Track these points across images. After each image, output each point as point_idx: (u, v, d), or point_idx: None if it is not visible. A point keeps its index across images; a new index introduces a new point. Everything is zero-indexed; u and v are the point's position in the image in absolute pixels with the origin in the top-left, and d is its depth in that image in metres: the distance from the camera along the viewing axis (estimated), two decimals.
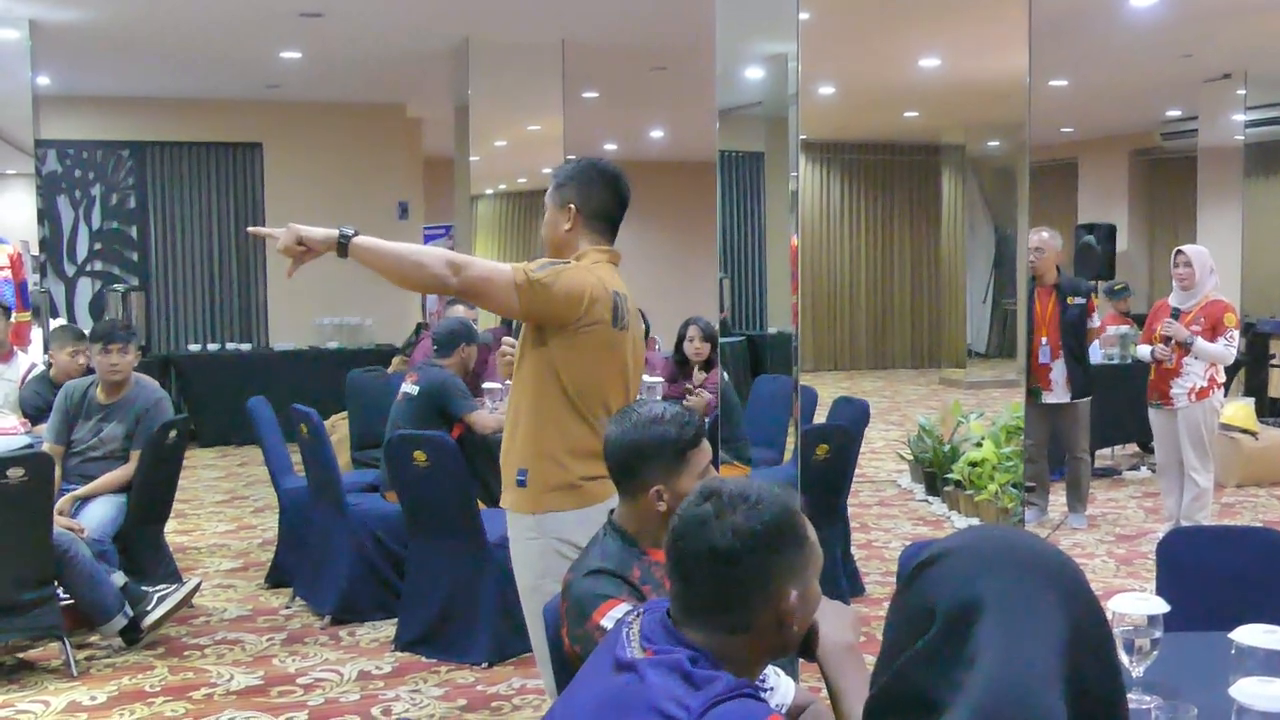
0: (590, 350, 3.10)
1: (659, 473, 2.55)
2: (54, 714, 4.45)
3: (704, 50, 9.61)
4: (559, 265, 3.09)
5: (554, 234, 3.28)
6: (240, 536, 7.34)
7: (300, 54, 9.79)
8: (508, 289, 3.00)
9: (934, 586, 1.37)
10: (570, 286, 3.05)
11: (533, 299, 3.02)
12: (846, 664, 1.91)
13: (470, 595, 4.90)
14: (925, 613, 1.35)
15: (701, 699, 1.63)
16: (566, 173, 3.28)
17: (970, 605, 1.32)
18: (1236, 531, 3.45)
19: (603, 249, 3.26)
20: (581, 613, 2.42)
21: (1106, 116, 14.68)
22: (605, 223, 3.28)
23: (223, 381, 10.66)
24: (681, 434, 2.57)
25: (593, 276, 3.12)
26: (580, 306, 3.06)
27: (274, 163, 12.23)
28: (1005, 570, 1.35)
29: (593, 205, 3.25)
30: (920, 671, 1.33)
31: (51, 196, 11.47)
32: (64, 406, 5.48)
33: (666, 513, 2.54)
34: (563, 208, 3.25)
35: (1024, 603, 1.32)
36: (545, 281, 3.01)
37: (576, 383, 3.09)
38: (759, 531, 1.75)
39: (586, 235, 3.25)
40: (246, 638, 5.33)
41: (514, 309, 3.06)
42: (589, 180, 3.26)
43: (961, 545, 1.41)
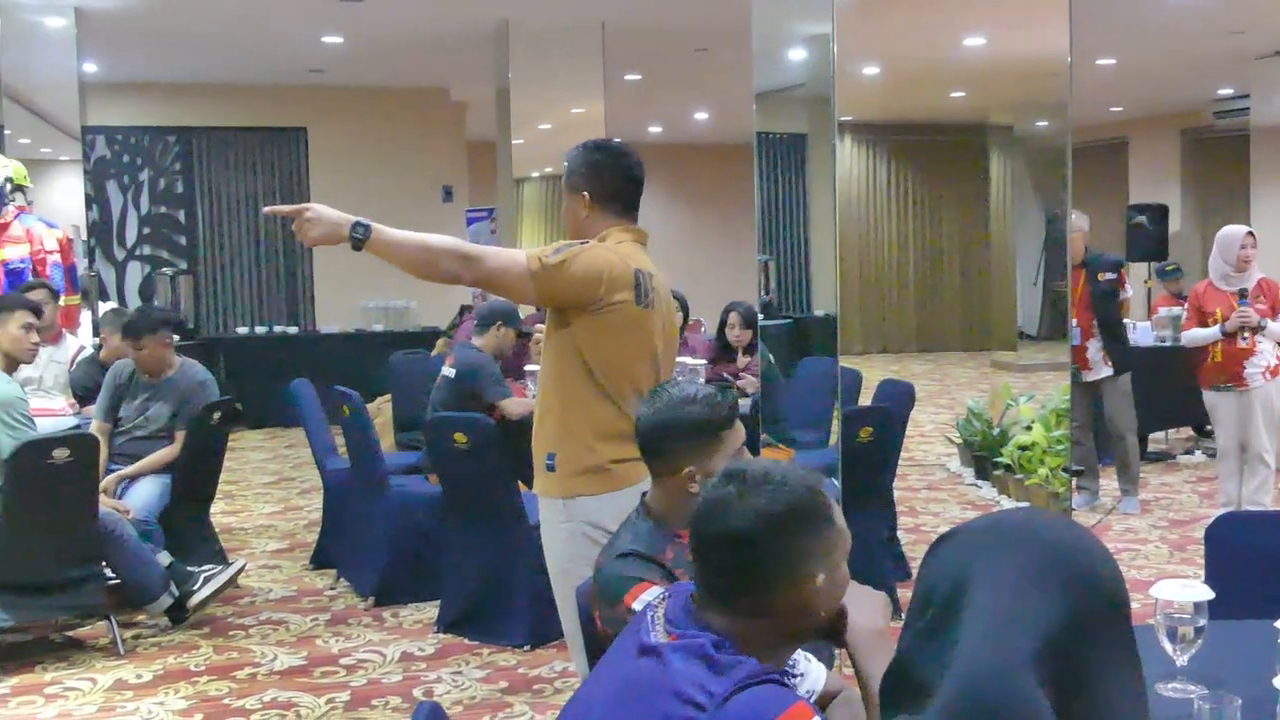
0: (614, 330, 3.06)
1: (691, 453, 2.52)
2: (101, 691, 4.50)
3: (746, 31, 9.56)
4: (575, 246, 3.06)
5: (574, 222, 3.25)
6: (287, 517, 7.39)
7: (342, 38, 9.82)
8: (522, 277, 2.99)
9: (938, 567, 1.35)
10: (586, 267, 3.02)
11: (548, 284, 2.99)
12: (876, 649, 1.87)
13: (510, 577, 4.90)
14: (927, 593, 1.33)
15: (725, 684, 1.61)
16: (574, 159, 3.25)
17: (961, 587, 1.30)
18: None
19: (626, 228, 3.21)
20: (613, 596, 2.41)
21: (1156, 95, 14.46)
22: (621, 203, 3.23)
23: (270, 364, 10.74)
24: (714, 414, 2.54)
25: (612, 255, 3.08)
26: (598, 286, 3.02)
27: (319, 147, 12.29)
28: (1006, 553, 1.32)
29: (605, 188, 3.21)
30: (920, 652, 1.32)
31: (101, 181, 11.59)
32: (112, 385, 5.57)
33: (698, 494, 2.51)
34: (576, 195, 3.22)
35: (1017, 587, 1.29)
36: (559, 264, 2.98)
37: (602, 364, 3.06)
38: (781, 513, 1.72)
39: (605, 218, 3.20)
40: (291, 618, 5.36)
41: (531, 296, 3.05)
42: (596, 164, 3.22)
43: (976, 526, 1.38)
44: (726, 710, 1.58)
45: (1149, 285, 13.25)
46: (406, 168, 12.26)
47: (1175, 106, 15.22)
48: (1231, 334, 6.26)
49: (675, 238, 15.82)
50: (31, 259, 7.23)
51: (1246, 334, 6.23)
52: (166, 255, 12.07)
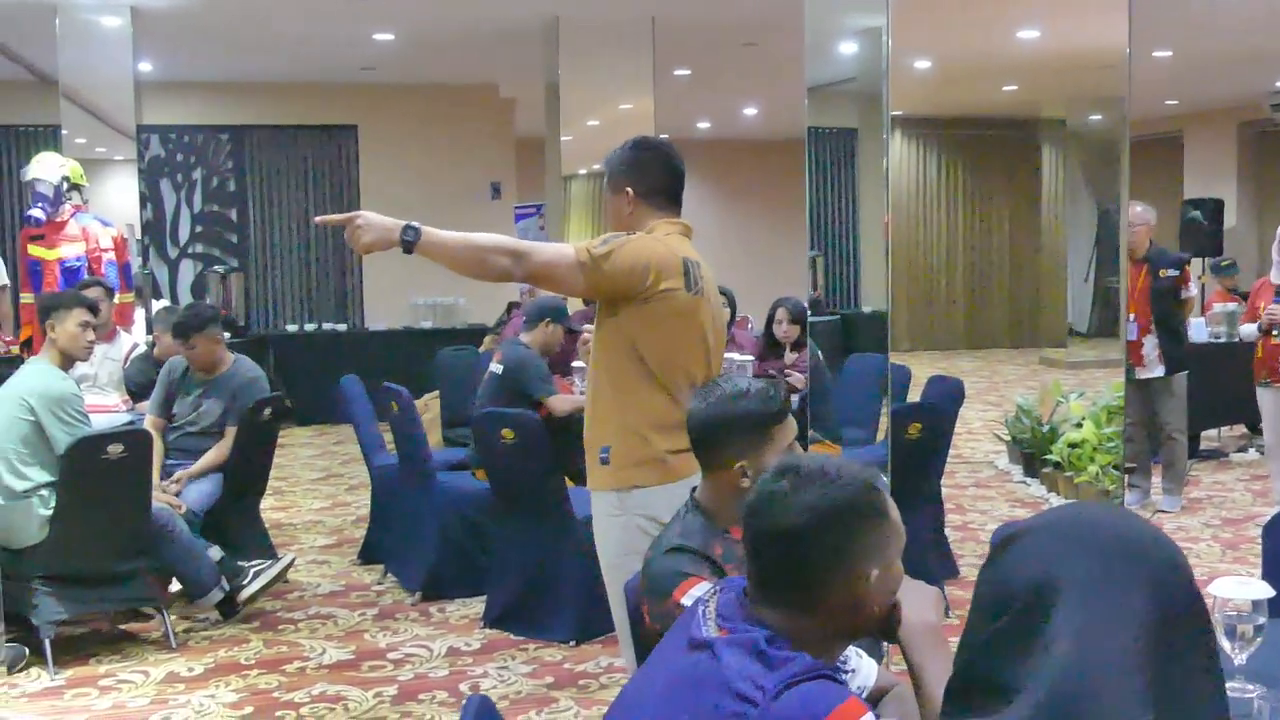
0: (666, 318, 3.06)
1: (742, 448, 2.51)
2: (153, 684, 4.55)
3: (795, 25, 9.51)
4: (622, 238, 3.07)
5: (618, 221, 3.27)
6: (335, 513, 7.44)
7: (393, 35, 9.88)
8: (571, 270, 3.00)
9: (1014, 566, 1.32)
10: (634, 256, 3.03)
11: (597, 275, 3.00)
12: (929, 645, 1.86)
13: (557, 573, 4.91)
14: (1004, 593, 1.30)
15: (777, 679, 1.60)
16: (616, 158, 3.27)
17: (1049, 587, 1.27)
18: None
19: (671, 221, 3.23)
20: (661, 590, 2.40)
21: (1212, 88, 14.24)
22: (665, 197, 3.26)
23: (319, 361, 10.81)
24: (766, 408, 2.53)
25: (659, 244, 3.10)
26: (647, 275, 3.03)
27: (369, 144, 12.37)
28: (1088, 552, 1.30)
29: (648, 183, 3.23)
30: (996, 654, 1.29)
31: (155, 180, 11.72)
32: (166, 381, 5.64)
33: (749, 489, 2.50)
34: (619, 193, 3.24)
35: (1106, 587, 1.27)
36: (606, 255, 3.00)
37: (656, 354, 3.06)
38: (834, 509, 1.70)
39: (650, 213, 3.22)
40: (339, 613, 5.40)
41: (580, 288, 3.06)
42: (638, 160, 3.24)
43: (1046, 523, 1.35)
44: (779, 705, 1.58)
45: (1203, 280, 13.07)
46: (455, 164, 12.31)
47: (1232, 100, 14.99)
48: (1266, 331, 6.22)
49: (722, 234, 15.77)
50: (87, 257, 7.33)
51: (1278, 331, 6.18)
52: (218, 253, 12.19)
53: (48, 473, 4.68)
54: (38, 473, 4.68)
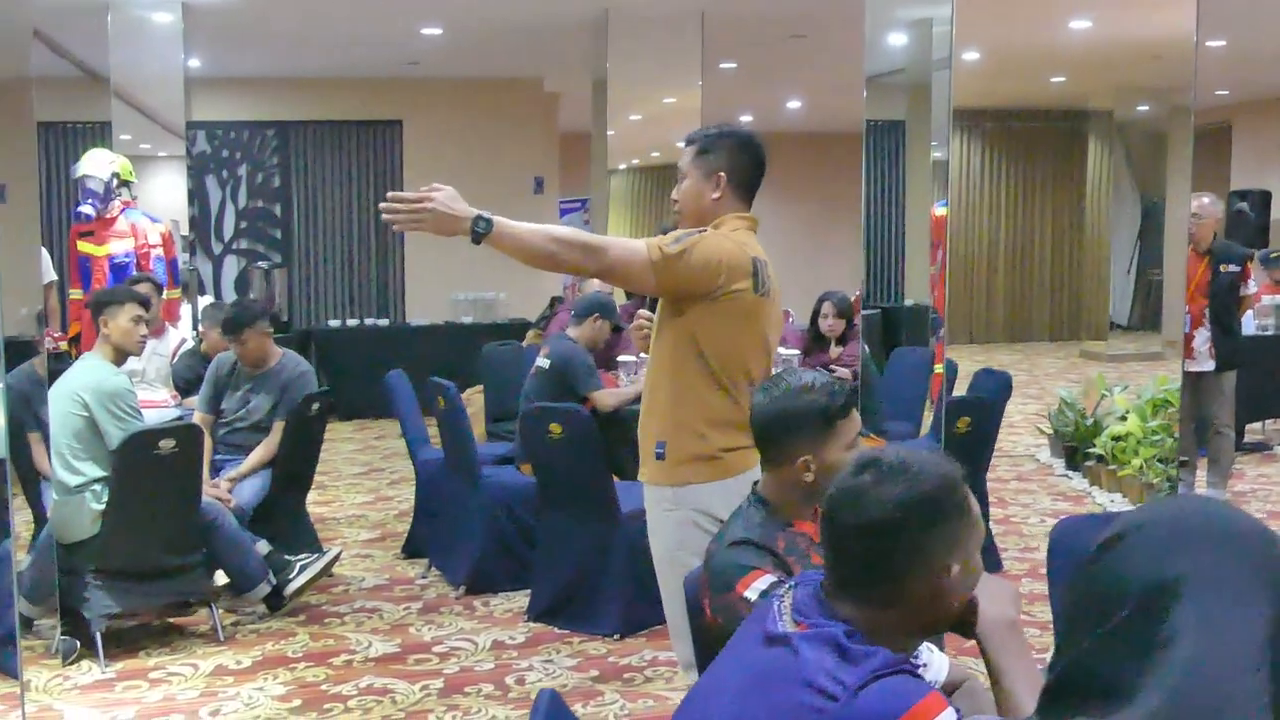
0: (731, 318, 3.06)
1: (806, 442, 2.52)
2: (202, 677, 4.60)
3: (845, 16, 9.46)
4: (693, 235, 3.05)
5: (698, 203, 3.22)
6: (378, 508, 7.48)
7: (440, 29, 9.90)
8: (644, 268, 2.99)
9: (1123, 565, 1.28)
10: (706, 256, 3.02)
11: (669, 274, 3.00)
12: (1009, 641, 1.85)
13: (602, 567, 4.92)
14: (1114, 592, 1.27)
15: (857, 674, 1.60)
16: (711, 139, 3.21)
17: (1166, 585, 1.24)
18: None
19: (742, 215, 3.21)
20: (724, 584, 2.41)
21: (1265, 79, 14.04)
22: (748, 190, 3.24)
23: (361, 356, 10.85)
24: (831, 402, 2.53)
25: (730, 243, 3.08)
26: (718, 276, 3.02)
27: (413, 139, 12.41)
28: (1205, 547, 1.26)
29: (740, 173, 3.20)
30: (1108, 654, 1.26)
31: (200, 176, 11.83)
32: (214, 377, 5.69)
33: (813, 483, 2.51)
34: (710, 176, 3.18)
35: (1226, 583, 1.23)
36: (679, 254, 2.99)
37: (718, 352, 3.06)
38: (918, 503, 1.70)
39: (730, 203, 3.20)
40: (384, 606, 5.43)
41: (651, 286, 3.04)
42: (735, 147, 3.20)
43: (1154, 520, 1.32)
44: (859, 700, 1.58)
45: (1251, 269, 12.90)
46: (499, 159, 12.33)
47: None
48: None
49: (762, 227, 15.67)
50: (136, 253, 7.41)
51: None
52: (262, 249, 12.29)
53: (100, 467, 4.74)
54: (90, 467, 4.74)
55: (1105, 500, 7.12)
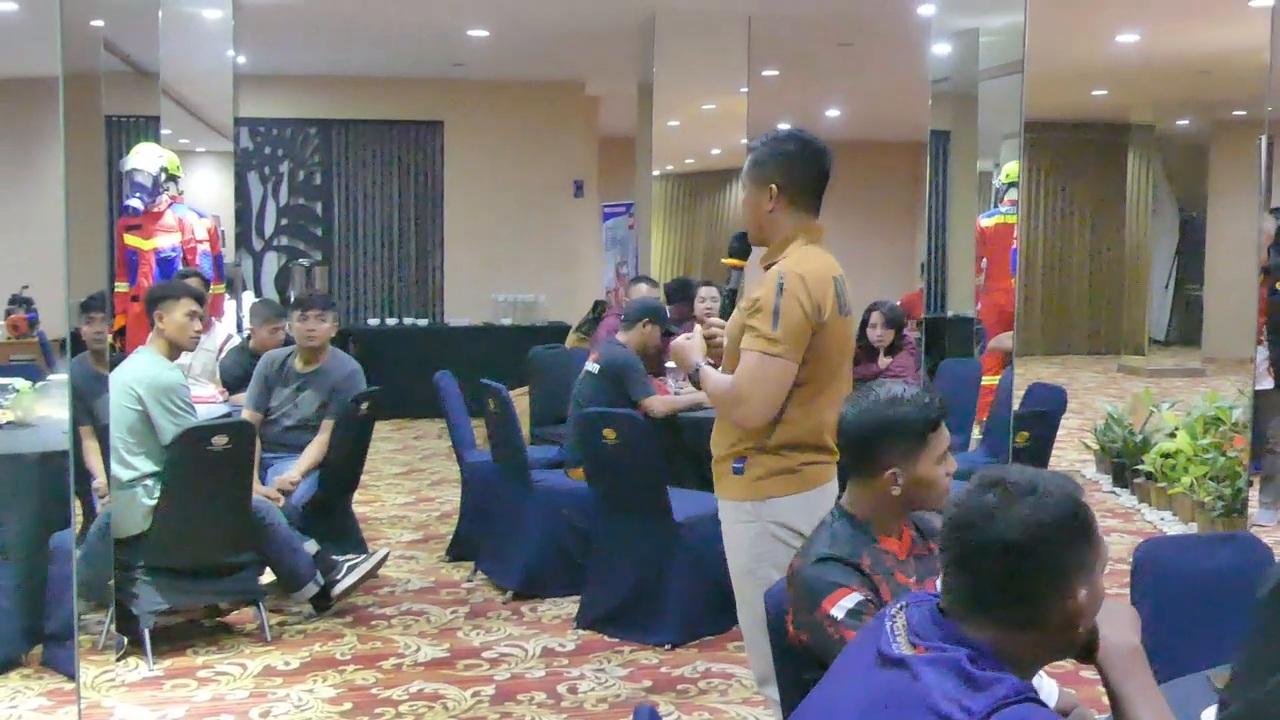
0: (821, 343, 3.00)
1: (896, 455, 2.47)
2: (251, 677, 4.56)
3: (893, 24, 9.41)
4: (773, 299, 2.95)
5: (755, 214, 3.14)
6: (419, 509, 7.45)
7: (488, 31, 9.89)
8: (779, 368, 2.94)
9: None
10: (798, 310, 2.94)
11: (793, 350, 2.95)
12: (1132, 668, 1.80)
13: (659, 576, 4.85)
14: None
15: (985, 701, 1.55)
16: (765, 149, 3.12)
17: None
18: None
19: (808, 227, 3.11)
20: (811, 600, 2.35)
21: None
22: (809, 199, 3.13)
23: (400, 356, 10.86)
24: (923, 415, 2.48)
25: (810, 275, 2.98)
26: (819, 314, 2.97)
27: (454, 140, 12.41)
28: None
29: (796, 183, 3.09)
30: None
31: (242, 173, 11.84)
32: (264, 374, 5.66)
33: (900, 497, 2.47)
34: (764, 187, 3.09)
35: None
36: (781, 329, 2.93)
37: (805, 376, 2.99)
38: (1051, 523, 1.66)
39: (790, 214, 3.10)
40: (431, 609, 5.39)
41: (796, 370, 2.97)
42: (789, 155, 3.10)
43: None
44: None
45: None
46: (540, 162, 12.32)
47: None
48: None
49: None
50: (182, 248, 7.42)
51: None
52: (302, 246, 12.30)
53: (153, 462, 4.72)
54: (143, 462, 4.72)
55: (1155, 518, 7.03)
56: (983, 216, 8.50)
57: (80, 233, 3.90)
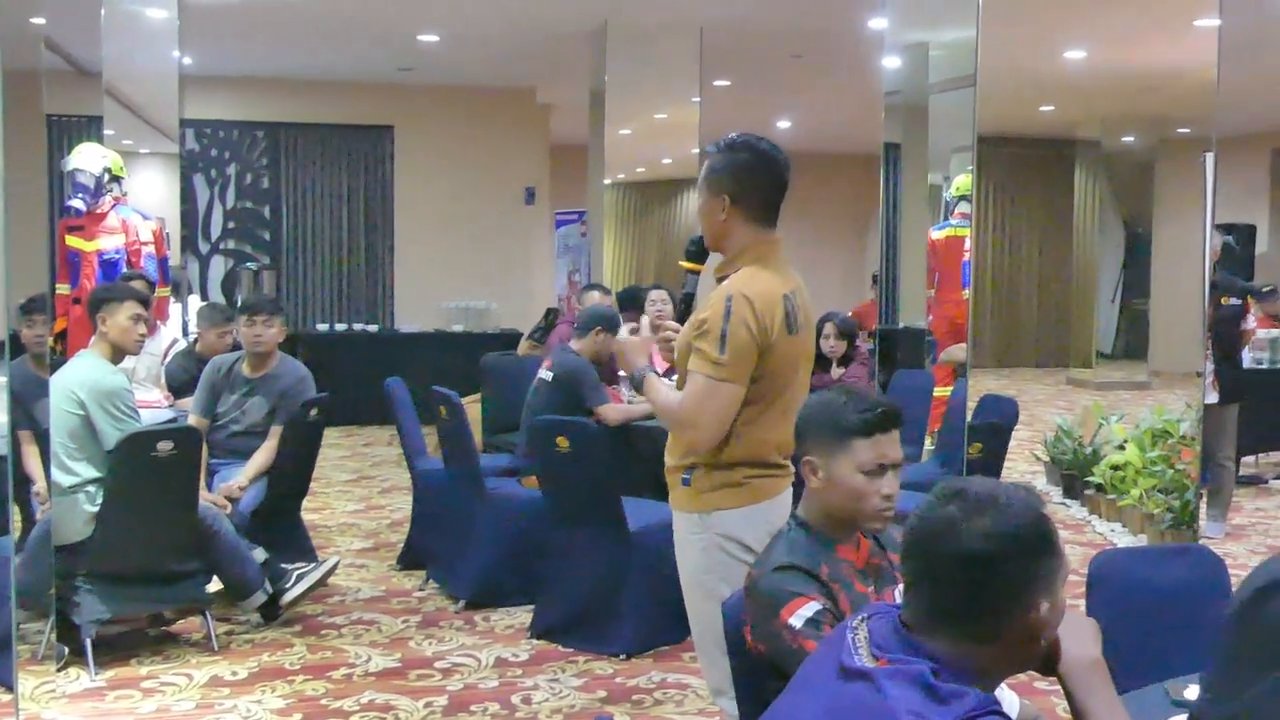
0: (768, 363, 2.94)
1: (814, 445, 2.47)
2: (197, 687, 4.47)
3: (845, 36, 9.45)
4: (718, 322, 2.89)
5: (710, 224, 3.06)
6: (370, 516, 7.36)
7: (438, 36, 9.83)
8: (727, 391, 2.89)
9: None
10: (744, 332, 2.88)
11: (739, 372, 2.89)
12: (1095, 680, 1.79)
13: (612, 585, 4.81)
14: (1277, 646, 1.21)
15: (949, 715, 1.54)
16: (720, 157, 3.03)
17: None
18: None
19: (763, 241, 3.03)
20: (769, 610, 2.32)
21: (1251, 113, 14.15)
22: (764, 210, 3.03)
23: (349, 362, 10.76)
24: (853, 417, 2.42)
25: (758, 299, 2.91)
26: (767, 335, 2.91)
27: (404, 145, 12.33)
28: None
29: (750, 193, 3.00)
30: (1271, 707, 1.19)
31: (188, 175, 11.68)
32: (211, 380, 5.55)
33: (822, 494, 2.46)
34: (717, 197, 3.01)
35: None
36: (729, 352, 2.87)
37: (753, 395, 2.94)
38: (1014, 536, 1.63)
39: (744, 225, 3.02)
40: (382, 619, 5.31)
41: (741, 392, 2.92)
42: (743, 165, 3.00)
43: None
44: None
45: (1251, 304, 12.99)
46: (490, 168, 12.27)
47: (1269, 125, 14.90)
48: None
49: None
50: (126, 250, 7.28)
51: None
52: (250, 250, 12.16)
53: (95, 468, 4.62)
54: (85, 468, 4.61)
55: (1105, 530, 7.08)
56: (934, 229, 8.56)
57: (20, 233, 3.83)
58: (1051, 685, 4.08)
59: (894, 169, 9.30)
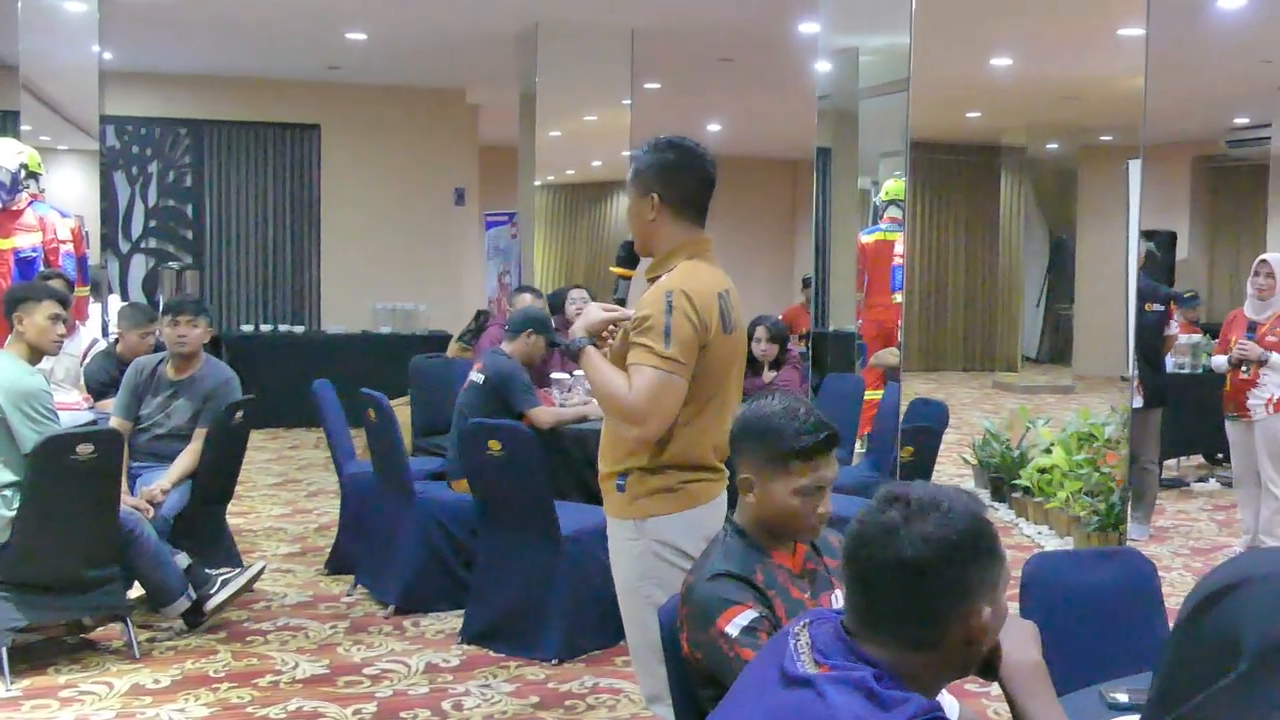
0: (704, 361, 2.93)
1: (750, 462, 2.44)
2: (118, 696, 4.36)
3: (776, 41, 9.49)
4: (662, 318, 2.87)
5: (639, 225, 3.06)
6: (296, 520, 7.25)
7: (366, 35, 9.72)
8: (676, 386, 2.87)
9: (1238, 618, 1.22)
10: (687, 326, 2.87)
11: (684, 366, 2.87)
12: (1034, 684, 1.78)
13: (543, 590, 4.77)
14: (1228, 646, 1.20)
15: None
16: (646, 157, 3.03)
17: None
18: None
19: (694, 240, 3.03)
20: (705, 618, 2.30)
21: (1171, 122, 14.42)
22: (693, 209, 3.03)
23: (274, 364, 10.59)
24: (790, 438, 2.39)
25: (695, 293, 2.91)
26: (706, 332, 2.91)
27: (331, 144, 12.19)
28: None
29: (677, 192, 3.00)
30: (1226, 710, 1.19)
31: (109, 173, 11.46)
32: (133, 382, 5.42)
33: (757, 509, 2.44)
34: (645, 197, 3.00)
35: None
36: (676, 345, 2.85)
37: (689, 393, 2.93)
38: (954, 541, 1.62)
39: (673, 224, 3.01)
40: (309, 624, 5.22)
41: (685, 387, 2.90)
42: (670, 164, 3.00)
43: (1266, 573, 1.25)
44: None
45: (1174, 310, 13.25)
46: (419, 169, 12.17)
47: (1190, 134, 15.20)
48: (1235, 365, 6.26)
49: None
50: (44, 248, 7.10)
51: (1247, 367, 6.22)
52: (172, 249, 11.95)
53: (11, 472, 4.48)
54: (1, 472, 4.47)
55: (1033, 532, 7.16)
56: (863, 233, 8.61)
57: None
58: (984, 688, 4.11)
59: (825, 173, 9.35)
